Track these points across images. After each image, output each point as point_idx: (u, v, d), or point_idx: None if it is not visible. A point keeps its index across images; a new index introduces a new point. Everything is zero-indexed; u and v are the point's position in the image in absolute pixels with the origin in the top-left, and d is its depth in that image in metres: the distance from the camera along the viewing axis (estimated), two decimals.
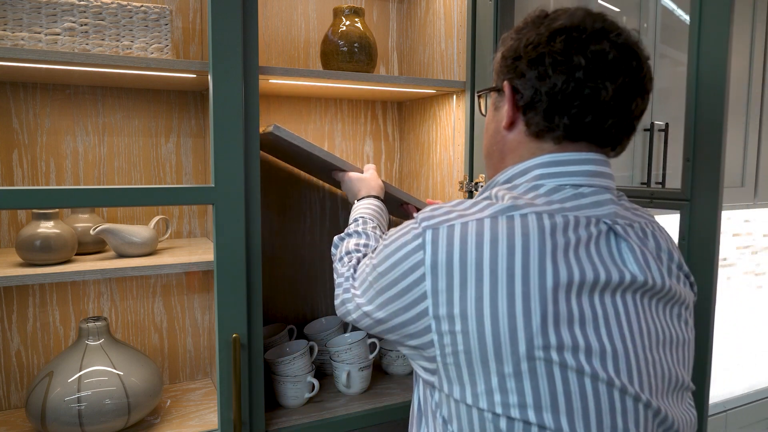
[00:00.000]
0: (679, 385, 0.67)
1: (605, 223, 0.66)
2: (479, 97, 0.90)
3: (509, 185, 0.70)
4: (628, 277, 0.64)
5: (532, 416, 0.59)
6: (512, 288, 0.60)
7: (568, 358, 0.59)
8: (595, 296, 0.62)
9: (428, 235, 0.65)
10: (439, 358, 0.64)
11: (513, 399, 0.59)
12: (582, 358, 0.59)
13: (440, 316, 0.63)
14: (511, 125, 0.72)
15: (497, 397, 0.60)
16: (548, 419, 0.58)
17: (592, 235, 0.65)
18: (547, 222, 0.63)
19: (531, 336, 0.59)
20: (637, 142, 1.72)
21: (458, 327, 0.61)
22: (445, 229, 0.64)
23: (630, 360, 0.62)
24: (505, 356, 0.59)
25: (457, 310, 0.61)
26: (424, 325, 0.65)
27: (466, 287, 0.61)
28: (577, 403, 0.59)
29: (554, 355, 0.59)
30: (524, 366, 0.59)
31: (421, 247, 0.65)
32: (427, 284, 0.64)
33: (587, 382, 0.59)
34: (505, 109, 0.72)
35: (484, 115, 0.83)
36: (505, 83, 0.71)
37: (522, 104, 0.69)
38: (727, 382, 1.68)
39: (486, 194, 0.71)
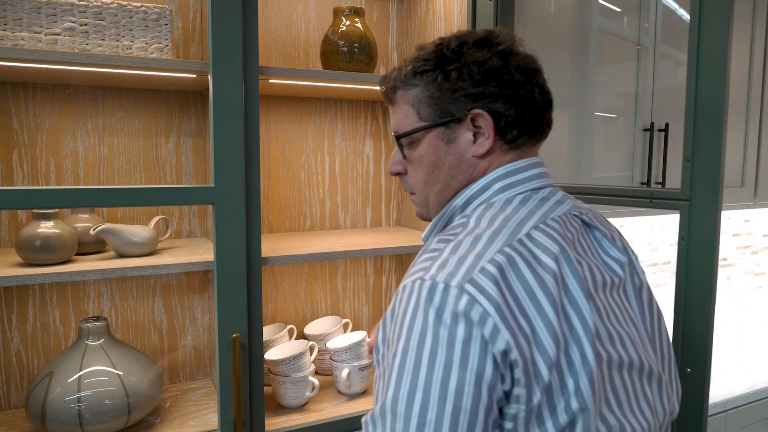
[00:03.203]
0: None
1: (576, 216, 0.70)
2: (403, 138, 0.75)
3: (473, 206, 0.71)
4: (618, 272, 0.70)
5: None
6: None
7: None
8: (614, 294, 0.68)
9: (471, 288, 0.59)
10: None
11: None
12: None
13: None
14: (489, 151, 0.71)
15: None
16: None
17: (577, 230, 0.68)
18: (559, 235, 0.65)
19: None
20: (637, 142, 1.72)
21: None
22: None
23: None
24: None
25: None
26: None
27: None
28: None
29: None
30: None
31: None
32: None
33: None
34: (468, 137, 0.70)
35: (405, 158, 0.76)
36: (478, 111, 0.69)
37: (501, 125, 0.69)
38: (727, 382, 1.68)
39: (460, 223, 0.68)
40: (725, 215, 2.56)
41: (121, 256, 1.16)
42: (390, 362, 0.59)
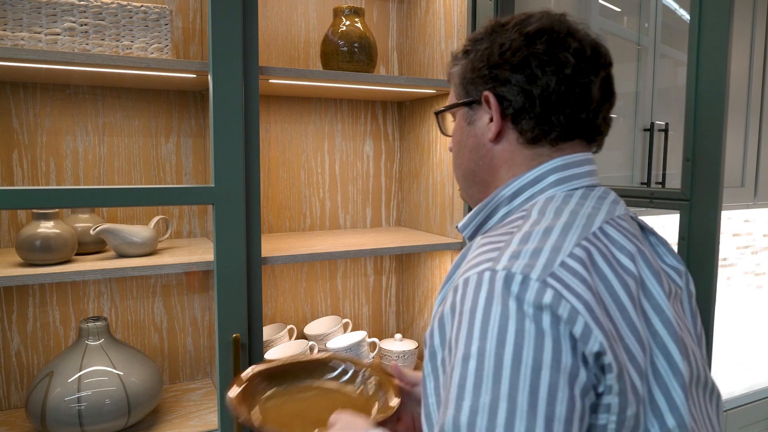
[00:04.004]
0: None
1: (632, 218, 0.66)
2: (439, 115, 0.80)
3: (522, 198, 0.66)
4: (678, 280, 0.66)
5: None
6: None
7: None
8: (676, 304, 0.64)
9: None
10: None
11: None
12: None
13: None
14: (498, 136, 0.68)
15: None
16: None
17: (638, 236, 0.63)
18: (631, 235, 0.61)
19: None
20: (637, 142, 1.72)
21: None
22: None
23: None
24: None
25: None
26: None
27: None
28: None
29: None
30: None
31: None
32: None
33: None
34: (485, 120, 0.68)
35: (447, 135, 0.79)
36: (487, 93, 0.67)
37: (511, 112, 0.66)
38: (727, 382, 1.68)
39: (520, 215, 0.62)
40: (725, 215, 2.56)
41: (121, 256, 1.16)
42: (459, 368, 0.49)
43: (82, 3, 1.06)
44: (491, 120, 0.67)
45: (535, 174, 0.66)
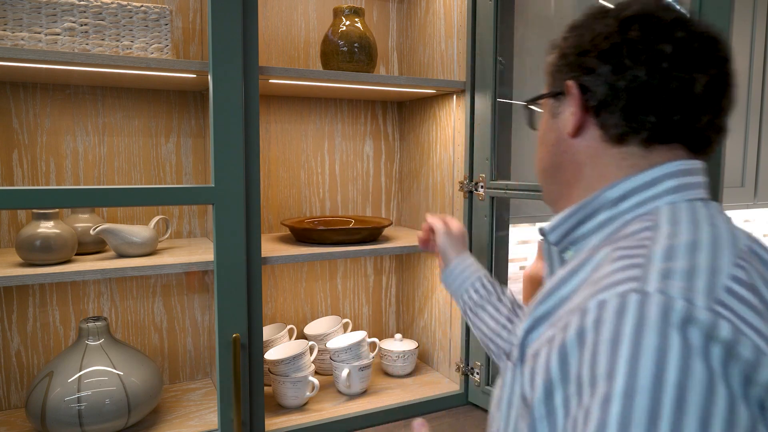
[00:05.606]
0: None
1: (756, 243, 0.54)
2: (527, 107, 0.75)
3: (630, 202, 0.57)
4: None
5: None
6: None
7: None
8: None
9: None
10: None
11: None
12: None
13: None
14: (578, 131, 0.61)
15: None
16: None
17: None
18: None
19: None
20: None
21: None
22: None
23: None
24: None
25: None
26: None
27: None
28: None
29: None
30: None
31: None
32: None
33: None
34: (568, 113, 0.62)
35: (535, 129, 0.72)
36: (569, 83, 0.60)
37: (593, 104, 0.59)
38: None
39: (646, 225, 0.52)
40: None
41: (121, 256, 1.16)
42: (597, 411, 0.39)
43: (82, 3, 1.06)
44: (573, 113, 0.61)
45: (649, 176, 0.57)
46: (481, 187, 1.31)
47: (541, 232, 0.65)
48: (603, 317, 0.42)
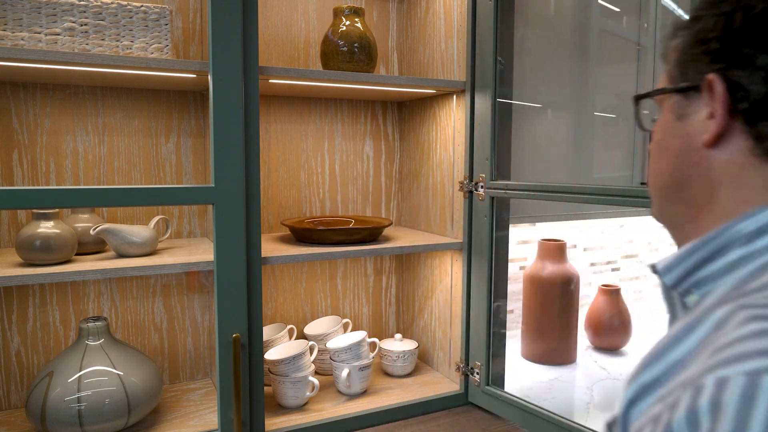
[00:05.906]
0: None
1: None
2: (638, 103, 0.59)
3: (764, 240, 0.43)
4: None
5: None
6: None
7: None
8: None
9: None
10: None
11: None
12: None
13: None
14: (718, 139, 0.47)
15: None
16: None
17: None
18: None
19: None
20: (637, 141, 1.72)
21: None
22: None
23: None
24: None
25: None
26: None
27: None
28: None
29: None
30: None
31: None
32: None
33: None
34: (703, 115, 0.48)
35: (646, 130, 0.58)
36: (713, 77, 0.46)
37: (745, 107, 0.45)
38: None
39: None
40: None
41: (121, 256, 1.16)
42: None
43: (82, 3, 1.06)
44: (712, 116, 0.47)
45: None
46: (481, 187, 1.31)
47: (654, 269, 0.51)
48: (723, 401, 0.32)
